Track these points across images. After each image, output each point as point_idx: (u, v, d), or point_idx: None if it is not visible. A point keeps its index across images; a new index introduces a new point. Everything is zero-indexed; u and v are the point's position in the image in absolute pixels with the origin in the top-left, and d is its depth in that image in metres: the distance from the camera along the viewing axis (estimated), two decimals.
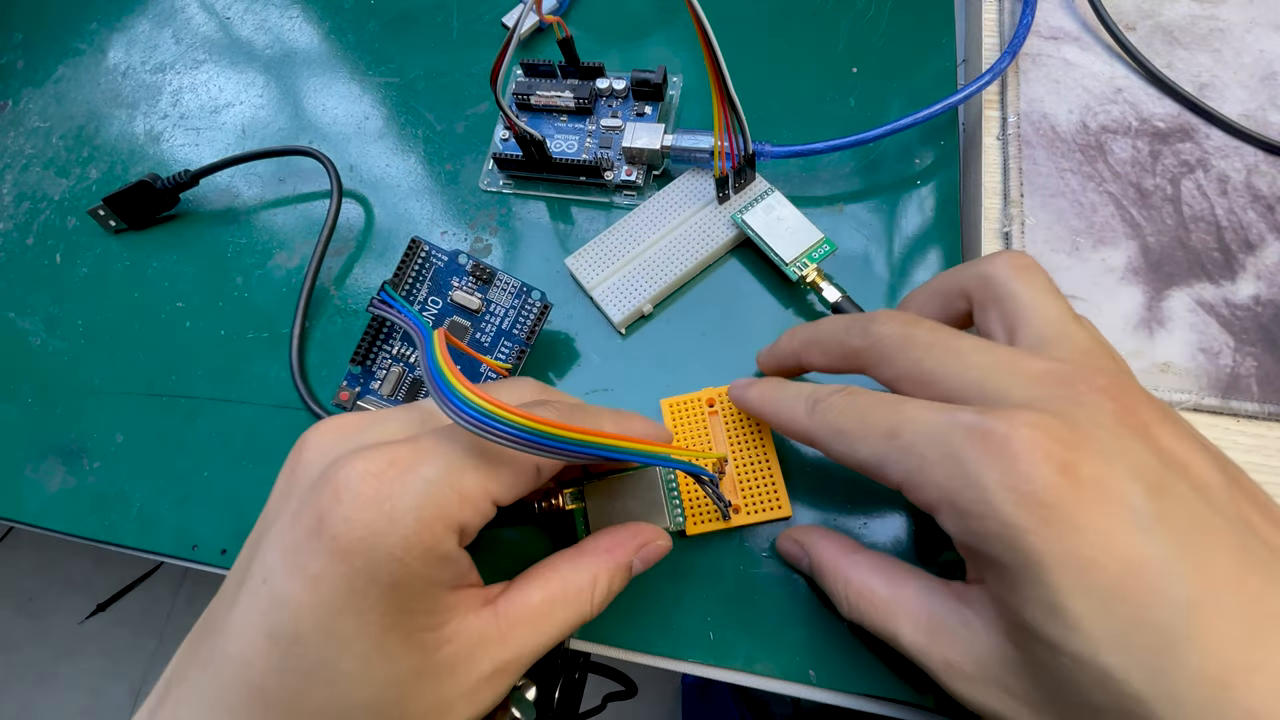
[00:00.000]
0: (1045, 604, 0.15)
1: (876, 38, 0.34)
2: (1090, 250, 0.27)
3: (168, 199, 0.34)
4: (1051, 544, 0.15)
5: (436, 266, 0.28)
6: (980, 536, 0.16)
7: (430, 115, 0.36)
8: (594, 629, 0.25)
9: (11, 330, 0.34)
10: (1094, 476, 0.15)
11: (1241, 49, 0.30)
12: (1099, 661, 0.15)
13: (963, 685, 0.18)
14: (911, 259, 0.29)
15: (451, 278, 0.28)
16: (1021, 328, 0.19)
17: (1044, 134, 0.29)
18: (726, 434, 0.26)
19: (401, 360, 0.28)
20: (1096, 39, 0.31)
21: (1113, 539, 0.15)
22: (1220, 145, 0.28)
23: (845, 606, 0.21)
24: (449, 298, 0.28)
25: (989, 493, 0.15)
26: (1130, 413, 0.17)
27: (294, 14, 0.40)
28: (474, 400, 0.17)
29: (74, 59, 0.41)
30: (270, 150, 0.34)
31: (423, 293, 0.28)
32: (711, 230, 0.30)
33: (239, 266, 0.34)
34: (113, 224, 0.35)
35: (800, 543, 0.24)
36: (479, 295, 0.28)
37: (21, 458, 0.31)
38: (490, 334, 0.28)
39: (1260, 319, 0.26)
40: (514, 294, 0.28)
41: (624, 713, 0.88)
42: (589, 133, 0.33)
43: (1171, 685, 0.14)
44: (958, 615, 0.18)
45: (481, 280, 0.28)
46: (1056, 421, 0.16)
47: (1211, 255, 0.27)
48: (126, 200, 0.34)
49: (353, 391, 0.28)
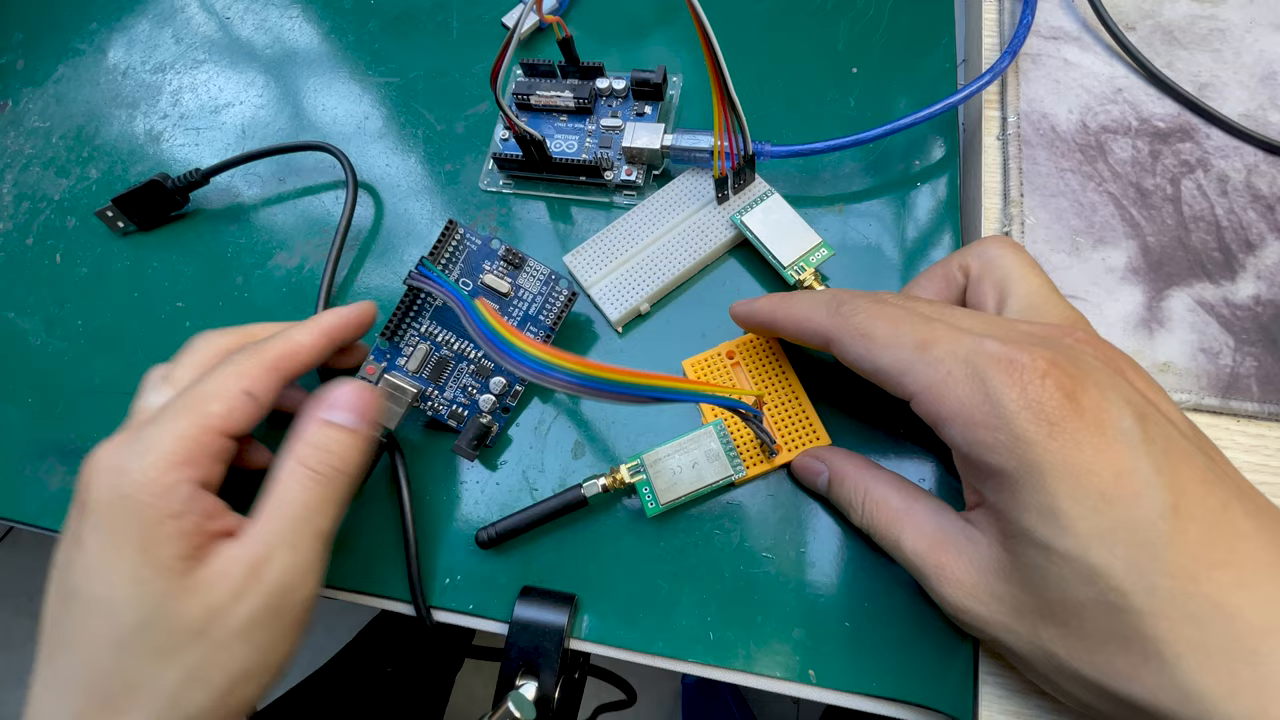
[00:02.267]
0: (1042, 508, 0.17)
1: (876, 37, 0.34)
2: (1090, 250, 0.27)
3: (179, 198, 0.34)
4: (1054, 454, 0.17)
5: (470, 249, 0.28)
6: (989, 447, 0.18)
7: (430, 115, 0.36)
8: (594, 629, 0.25)
9: (11, 330, 0.34)
10: (1092, 403, 0.18)
11: (1241, 49, 0.30)
12: (1087, 558, 0.17)
13: (951, 589, 0.20)
14: (911, 259, 0.29)
15: (484, 261, 0.29)
16: (1010, 296, 0.22)
17: (1044, 134, 0.29)
18: (753, 381, 0.27)
19: (429, 338, 0.28)
20: (1096, 39, 0.31)
21: (1105, 452, 0.17)
22: (1220, 145, 0.28)
23: (858, 513, 0.24)
24: (480, 280, 0.28)
25: (1005, 409, 0.18)
26: (1111, 360, 0.20)
27: (294, 14, 0.40)
28: (533, 352, 0.20)
29: (74, 59, 0.41)
30: (285, 146, 0.34)
31: (455, 273, 0.28)
32: (710, 230, 0.30)
33: (239, 266, 0.34)
34: (121, 225, 0.35)
35: (821, 457, 0.25)
36: (509, 280, 0.28)
37: (21, 458, 0.31)
38: (517, 319, 0.28)
39: (1260, 319, 0.26)
40: (542, 281, 0.28)
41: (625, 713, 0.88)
42: (589, 133, 0.33)
43: (1149, 577, 0.17)
44: (961, 530, 0.21)
45: (513, 265, 0.28)
46: (1063, 358, 0.18)
47: (1211, 255, 0.27)
48: (136, 201, 0.34)
49: (379, 366, 0.28)
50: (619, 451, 0.28)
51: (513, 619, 0.25)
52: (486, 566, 0.27)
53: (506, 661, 0.25)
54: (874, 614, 0.24)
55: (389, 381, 0.28)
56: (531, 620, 0.25)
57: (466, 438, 0.27)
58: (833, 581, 0.25)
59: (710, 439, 0.26)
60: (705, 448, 0.26)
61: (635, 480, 0.26)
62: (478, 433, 0.27)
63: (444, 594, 0.27)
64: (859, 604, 0.24)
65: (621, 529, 0.27)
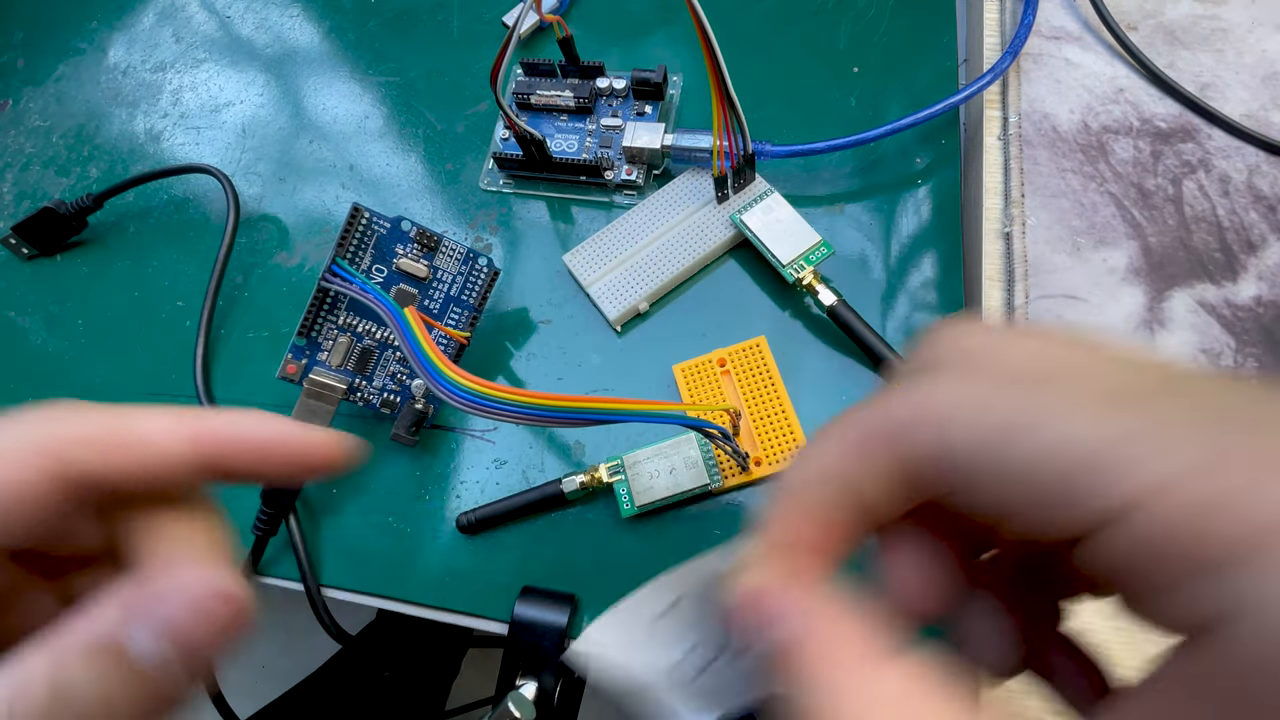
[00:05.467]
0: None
1: (878, 37, 0.34)
2: (1091, 250, 0.27)
3: (74, 223, 0.35)
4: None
5: (379, 234, 0.27)
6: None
7: (430, 114, 0.36)
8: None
9: (11, 330, 0.34)
10: None
11: (1243, 49, 0.30)
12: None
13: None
14: (912, 260, 0.29)
15: (395, 245, 0.27)
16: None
17: (1045, 134, 0.29)
18: (740, 390, 0.27)
19: (349, 330, 0.28)
20: (1098, 39, 0.31)
21: None
22: (1222, 145, 0.28)
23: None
24: (394, 265, 0.27)
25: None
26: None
27: (294, 13, 0.40)
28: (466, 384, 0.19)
29: (74, 58, 0.41)
30: (168, 169, 0.35)
31: (366, 260, 0.27)
32: (710, 230, 0.30)
33: (239, 266, 0.34)
34: (25, 251, 0.35)
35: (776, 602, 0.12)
36: (425, 262, 0.27)
37: None
38: (439, 300, 0.28)
39: (1262, 320, 0.26)
40: (460, 260, 0.28)
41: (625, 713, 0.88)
42: (589, 132, 0.33)
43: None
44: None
45: (427, 248, 0.27)
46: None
47: (1213, 256, 0.27)
48: (33, 228, 0.34)
49: (299, 364, 0.28)
50: (619, 452, 0.28)
51: (513, 619, 0.25)
52: (487, 567, 0.27)
53: (506, 662, 0.25)
54: None
55: (313, 380, 0.27)
56: (531, 620, 0.25)
57: (404, 424, 0.27)
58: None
59: (691, 446, 0.26)
60: (685, 455, 0.26)
61: (614, 480, 0.26)
62: (413, 419, 0.27)
63: (444, 594, 0.27)
64: None
65: (622, 529, 0.27)
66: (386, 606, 0.27)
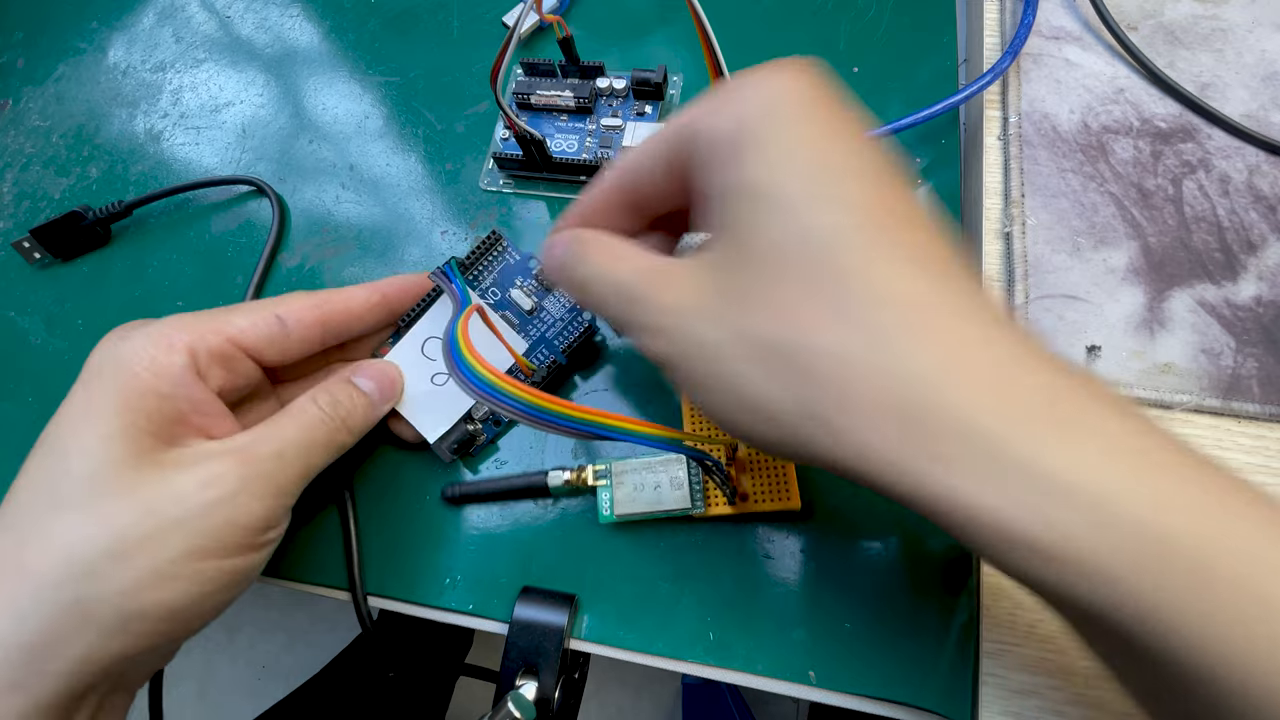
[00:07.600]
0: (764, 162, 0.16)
1: (877, 37, 0.34)
2: (1091, 251, 0.27)
3: (99, 229, 0.34)
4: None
5: (507, 263, 0.29)
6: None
7: (430, 114, 0.36)
8: (594, 629, 0.25)
9: (11, 330, 0.34)
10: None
11: (1244, 49, 0.30)
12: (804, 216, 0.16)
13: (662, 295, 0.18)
14: None
15: (517, 276, 0.29)
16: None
17: (1045, 134, 0.29)
18: None
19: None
20: (1098, 39, 0.31)
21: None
22: (1222, 145, 0.28)
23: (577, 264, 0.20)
24: (508, 293, 0.29)
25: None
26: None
27: (294, 13, 0.40)
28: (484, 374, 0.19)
29: (74, 57, 0.41)
30: (214, 180, 0.35)
31: (487, 281, 0.29)
32: None
33: (239, 266, 0.34)
34: (38, 256, 0.34)
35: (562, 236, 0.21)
36: (535, 299, 0.28)
37: (21, 458, 0.31)
38: (534, 337, 0.28)
39: (1262, 320, 0.26)
40: (568, 308, 0.28)
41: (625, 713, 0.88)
42: (589, 132, 0.33)
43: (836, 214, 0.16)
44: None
45: (544, 288, 0.29)
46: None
47: (1213, 256, 0.27)
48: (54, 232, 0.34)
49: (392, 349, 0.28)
50: (620, 457, 0.28)
51: (513, 619, 0.25)
52: (487, 566, 0.27)
53: (506, 662, 0.25)
54: (874, 615, 0.24)
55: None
56: (531, 620, 0.25)
57: (449, 439, 0.27)
58: (833, 583, 0.25)
59: (679, 466, 0.25)
60: (673, 474, 0.25)
61: (598, 484, 0.26)
62: (461, 437, 0.27)
63: (444, 594, 0.27)
64: (859, 605, 0.24)
65: (622, 529, 0.27)
66: (387, 606, 0.27)
